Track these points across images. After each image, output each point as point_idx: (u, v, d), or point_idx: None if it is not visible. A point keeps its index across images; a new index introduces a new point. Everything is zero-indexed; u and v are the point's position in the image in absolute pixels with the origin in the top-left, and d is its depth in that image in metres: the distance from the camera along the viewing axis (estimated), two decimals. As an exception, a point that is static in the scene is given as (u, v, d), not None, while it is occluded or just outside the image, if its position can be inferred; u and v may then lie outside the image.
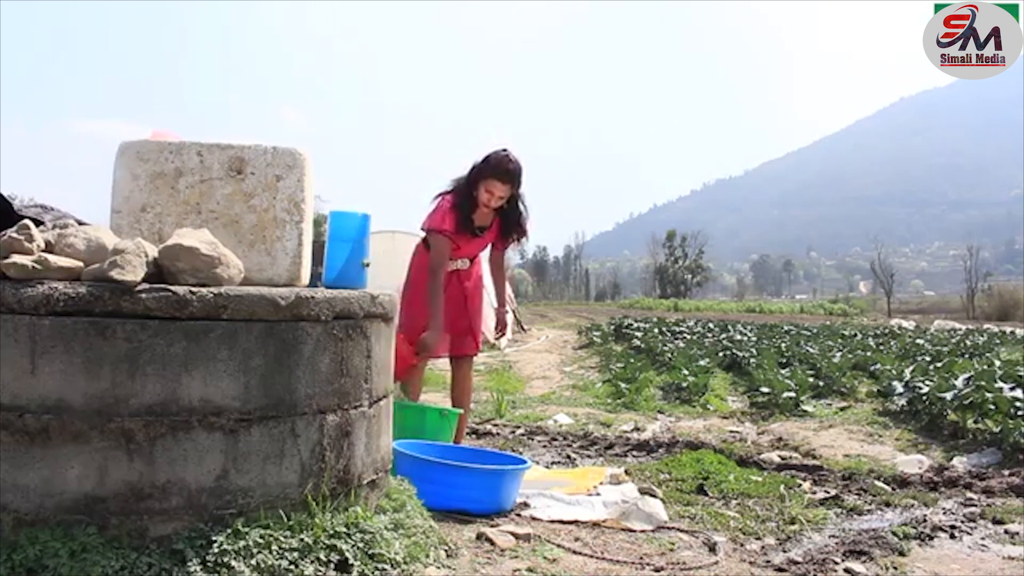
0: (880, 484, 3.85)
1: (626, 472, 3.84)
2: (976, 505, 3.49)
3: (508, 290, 3.99)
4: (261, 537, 2.02)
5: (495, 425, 5.55)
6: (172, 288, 2.03)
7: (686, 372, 7.88)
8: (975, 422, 5.17)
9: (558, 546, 2.64)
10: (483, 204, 3.82)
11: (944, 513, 3.35)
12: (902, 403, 6.12)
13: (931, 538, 2.97)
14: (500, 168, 3.73)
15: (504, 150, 3.76)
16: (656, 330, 15.73)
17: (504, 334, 3.85)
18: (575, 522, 2.97)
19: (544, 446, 4.86)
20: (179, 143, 2.50)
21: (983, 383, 5.33)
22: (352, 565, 2.09)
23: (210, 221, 2.46)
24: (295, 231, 2.53)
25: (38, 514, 1.93)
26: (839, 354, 9.85)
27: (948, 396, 5.39)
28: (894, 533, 2.97)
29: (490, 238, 4.03)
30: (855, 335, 16.32)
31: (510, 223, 3.95)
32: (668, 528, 2.97)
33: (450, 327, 3.94)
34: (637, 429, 5.61)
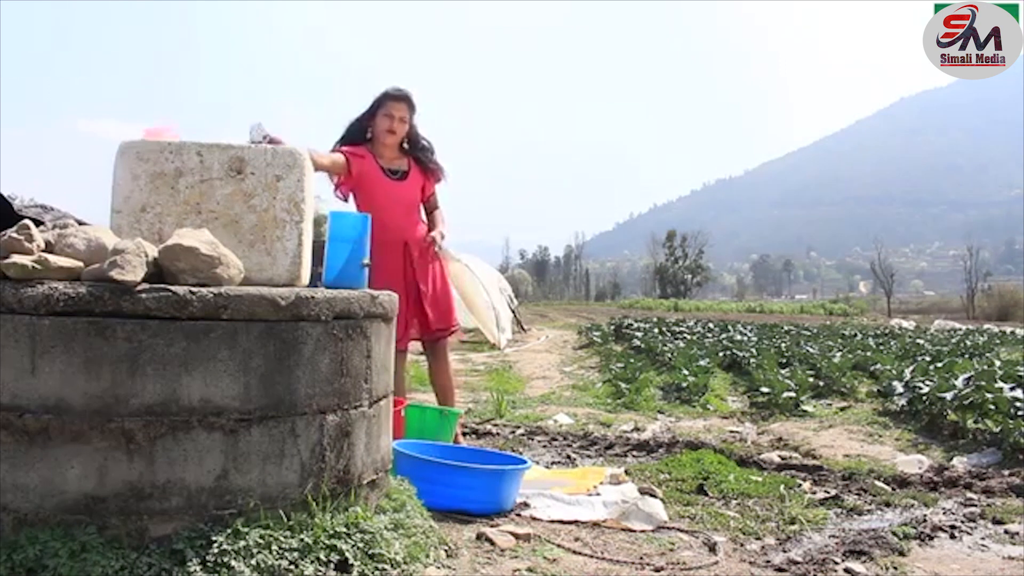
0: (880, 484, 3.85)
1: (626, 472, 3.84)
2: (976, 505, 3.49)
3: (441, 225, 4.10)
4: (261, 537, 2.01)
5: (495, 425, 5.55)
6: (172, 288, 2.03)
7: (686, 372, 7.88)
8: (975, 422, 5.17)
9: (558, 546, 2.64)
10: (387, 131, 3.88)
11: (944, 513, 3.35)
12: (902, 403, 6.11)
13: (931, 538, 2.97)
14: (389, 91, 3.91)
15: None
16: (656, 330, 15.74)
17: (433, 240, 3.95)
18: (575, 522, 2.97)
19: (544, 446, 4.86)
20: (179, 143, 2.50)
21: (983, 383, 5.33)
22: (352, 565, 2.09)
23: (210, 221, 2.46)
24: (295, 231, 2.53)
25: (38, 514, 1.93)
26: (839, 354, 9.85)
27: (948, 396, 5.39)
28: (894, 533, 2.97)
29: (416, 187, 3.99)
30: (855, 335, 16.33)
31: (422, 158, 4.00)
32: (668, 528, 2.97)
33: (407, 310, 3.85)
34: (637, 429, 5.61)
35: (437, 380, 4.17)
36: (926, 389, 5.79)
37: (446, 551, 2.46)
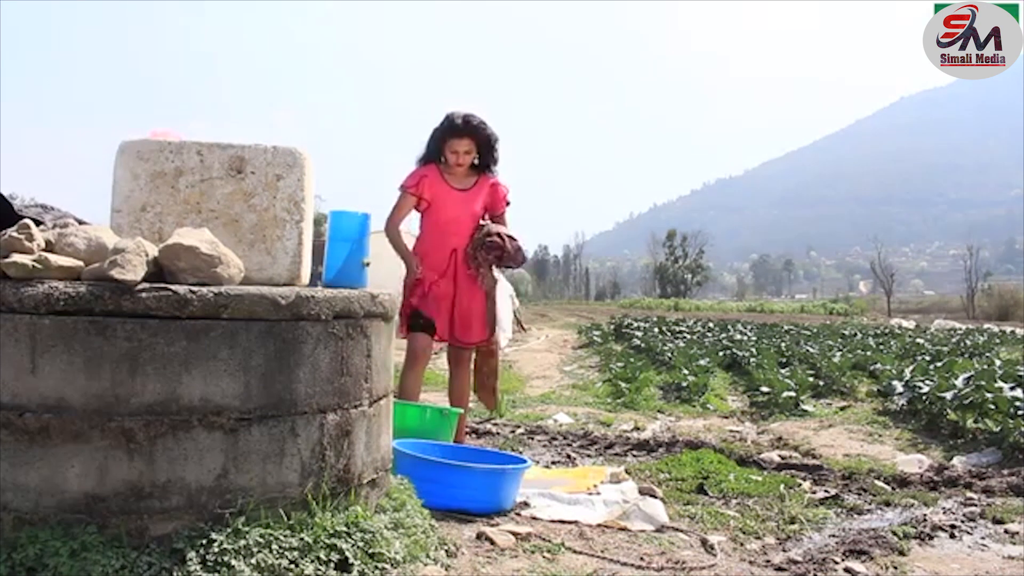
0: (880, 484, 3.86)
1: (626, 471, 3.84)
2: (976, 505, 3.49)
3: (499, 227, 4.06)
4: (261, 536, 2.02)
5: (495, 425, 5.55)
6: (172, 287, 2.03)
7: (686, 372, 7.88)
8: (975, 422, 5.17)
9: (558, 545, 2.64)
10: (454, 165, 3.92)
11: (944, 513, 3.35)
12: (902, 403, 6.12)
13: (931, 537, 2.97)
14: (454, 125, 3.88)
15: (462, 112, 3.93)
16: (656, 330, 15.76)
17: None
18: (575, 522, 2.97)
19: (544, 445, 4.86)
20: (179, 143, 2.50)
21: (983, 383, 5.33)
22: (352, 564, 2.09)
23: (210, 220, 2.46)
24: (295, 230, 2.53)
25: (38, 513, 1.93)
26: (839, 354, 9.86)
27: (948, 396, 5.39)
28: (894, 533, 2.97)
29: (478, 199, 4.01)
30: (855, 335, 16.34)
31: (485, 161, 4.01)
32: (668, 528, 2.97)
33: (447, 314, 3.96)
34: (637, 428, 5.61)
35: (453, 385, 4.19)
36: (926, 389, 5.79)
37: (446, 551, 2.46)
